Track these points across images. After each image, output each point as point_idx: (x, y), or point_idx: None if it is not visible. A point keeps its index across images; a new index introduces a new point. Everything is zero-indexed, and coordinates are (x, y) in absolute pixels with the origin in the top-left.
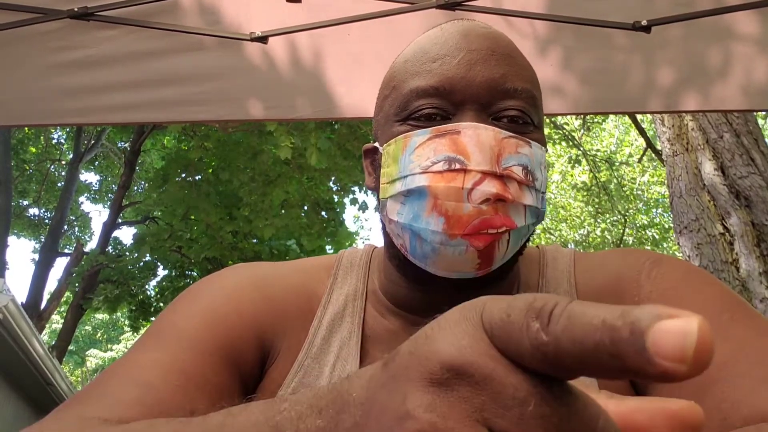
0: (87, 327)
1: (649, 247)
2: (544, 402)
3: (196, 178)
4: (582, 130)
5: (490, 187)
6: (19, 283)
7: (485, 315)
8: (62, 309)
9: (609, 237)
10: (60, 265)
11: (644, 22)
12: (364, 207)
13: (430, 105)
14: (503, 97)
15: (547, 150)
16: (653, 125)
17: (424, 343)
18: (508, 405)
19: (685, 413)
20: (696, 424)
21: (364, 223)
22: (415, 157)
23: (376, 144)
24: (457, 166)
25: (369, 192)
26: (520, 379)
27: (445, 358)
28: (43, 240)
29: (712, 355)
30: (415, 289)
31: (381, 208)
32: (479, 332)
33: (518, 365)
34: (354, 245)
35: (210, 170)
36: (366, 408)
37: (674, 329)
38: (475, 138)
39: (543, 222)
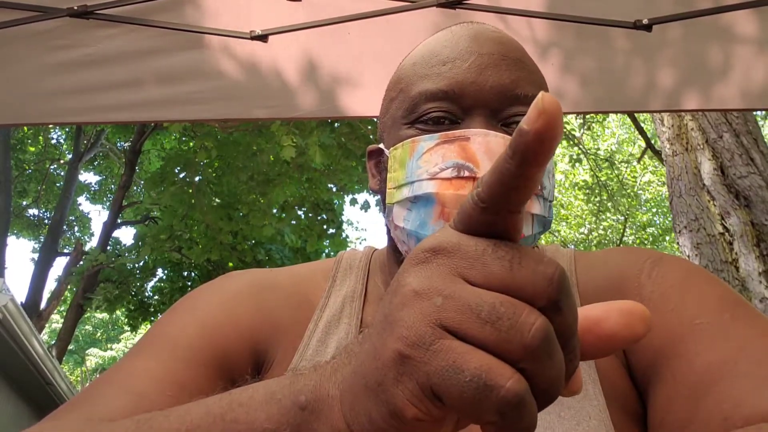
0: (87, 326)
1: (649, 247)
2: (498, 248)
3: (196, 179)
4: (582, 130)
5: None
6: (18, 283)
7: (450, 221)
8: (62, 309)
9: (609, 236)
10: (60, 264)
11: (645, 21)
12: (366, 206)
13: (439, 109)
14: (513, 103)
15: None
16: (653, 125)
17: (412, 251)
18: (474, 257)
19: (632, 306)
20: (644, 314)
21: (358, 225)
22: (423, 162)
23: (381, 146)
24: (466, 173)
25: (370, 192)
26: (479, 240)
27: (424, 245)
28: (42, 240)
29: (558, 105)
30: None
31: (387, 213)
32: (446, 227)
33: (476, 235)
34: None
35: (210, 170)
36: (372, 324)
37: (531, 105)
38: (485, 145)
39: None
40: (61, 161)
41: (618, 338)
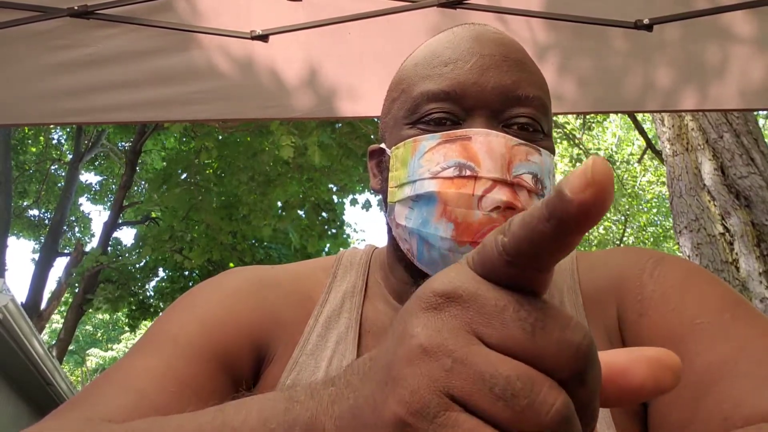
0: (87, 327)
1: (649, 247)
2: (520, 307)
3: (197, 178)
4: (582, 130)
5: (501, 194)
6: (19, 283)
7: (467, 256)
8: (62, 309)
9: (610, 236)
10: (60, 265)
11: (646, 21)
12: (367, 206)
13: (441, 109)
14: (514, 104)
15: (555, 153)
16: (654, 125)
17: (419, 288)
18: (492, 314)
19: (661, 356)
20: (674, 366)
21: (357, 226)
22: (425, 161)
23: (383, 146)
24: (468, 172)
25: (371, 191)
26: (500, 292)
27: (436, 287)
28: (42, 240)
29: (610, 174)
30: (417, 284)
31: (388, 211)
32: (464, 266)
33: (497, 284)
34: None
35: (210, 171)
36: (374, 359)
37: (578, 170)
38: (486, 145)
39: None
40: (62, 161)
41: (644, 391)
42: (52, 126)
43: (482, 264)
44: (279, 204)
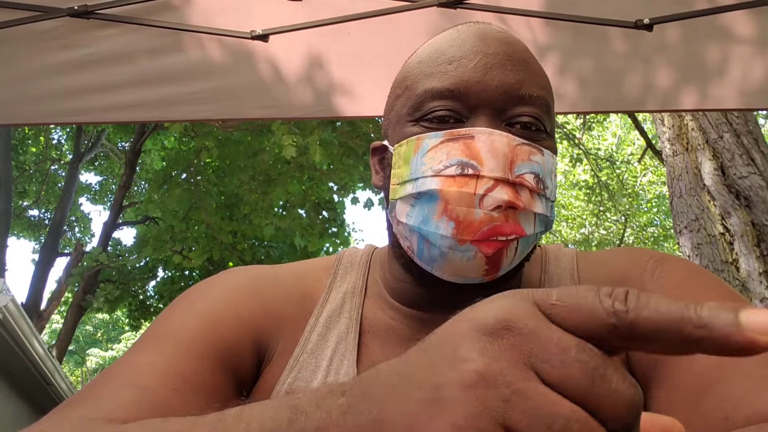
0: (87, 327)
1: (650, 247)
2: (583, 351)
3: (198, 178)
4: (582, 130)
5: (503, 194)
6: (19, 283)
7: (536, 294)
8: (62, 309)
9: (610, 236)
10: (60, 265)
11: (646, 21)
12: (369, 204)
13: (444, 107)
14: (518, 103)
15: (557, 153)
16: (654, 125)
17: (471, 311)
18: (553, 352)
19: (667, 423)
20: None
21: (356, 226)
22: (428, 159)
23: (386, 143)
24: (470, 171)
25: (372, 189)
26: (564, 333)
27: (497, 313)
28: (42, 240)
29: None
30: (418, 286)
31: (389, 209)
32: (527, 301)
33: (564, 328)
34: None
35: (210, 171)
36: (403, 373)
37: (762, 312)
38: (489, 144)
39: None
40: (62, 161)
41: None
42: (52, 126)
43: (571, 317)
44: (280, 203)
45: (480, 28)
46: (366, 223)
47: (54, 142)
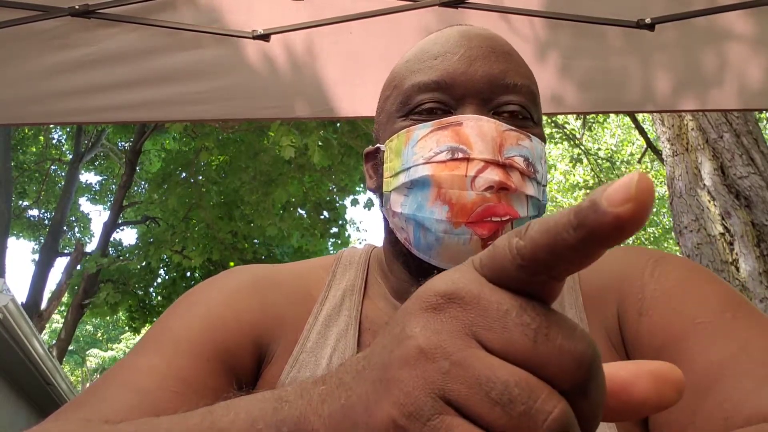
0: (87, 327)
1: (650, 247)
2: (523, 312)
3: (198, 178)
4: (582, 130)
5: (493, 174)
6: (19, 284)
7: (473, 258)
8: (62, 309)
9: None
10: (60, 265)
11: (648, 20)
12: (369, 205)
13: (432, 99)
14: (503, 92)
15: (545, 142)
16: (654, 125)
17: (420, 287)
18: (493, 317)
19: (665, 370)
20: (676, 381)
21: (360, 225)
22: (418, 149)
23: (378, 145)
24: (460, 155)
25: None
26: (504, 295)
27: (438, 287)
28: (42, 240)
29: (653, 192)
30: (417, 284)
31: (384, 202)
32: (468, 267)
33: (503, 288)
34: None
35: (213, 168)
36: (367, 357)
37: (619, 182)
38: (477, 129)
39: None
40: (62, 161)
41: (647, 406)
42: (52, 126)
43: (491, 266)
44: (281, 203)
45: (463, 27)
46: (366, 224)
47: (54, 142)
